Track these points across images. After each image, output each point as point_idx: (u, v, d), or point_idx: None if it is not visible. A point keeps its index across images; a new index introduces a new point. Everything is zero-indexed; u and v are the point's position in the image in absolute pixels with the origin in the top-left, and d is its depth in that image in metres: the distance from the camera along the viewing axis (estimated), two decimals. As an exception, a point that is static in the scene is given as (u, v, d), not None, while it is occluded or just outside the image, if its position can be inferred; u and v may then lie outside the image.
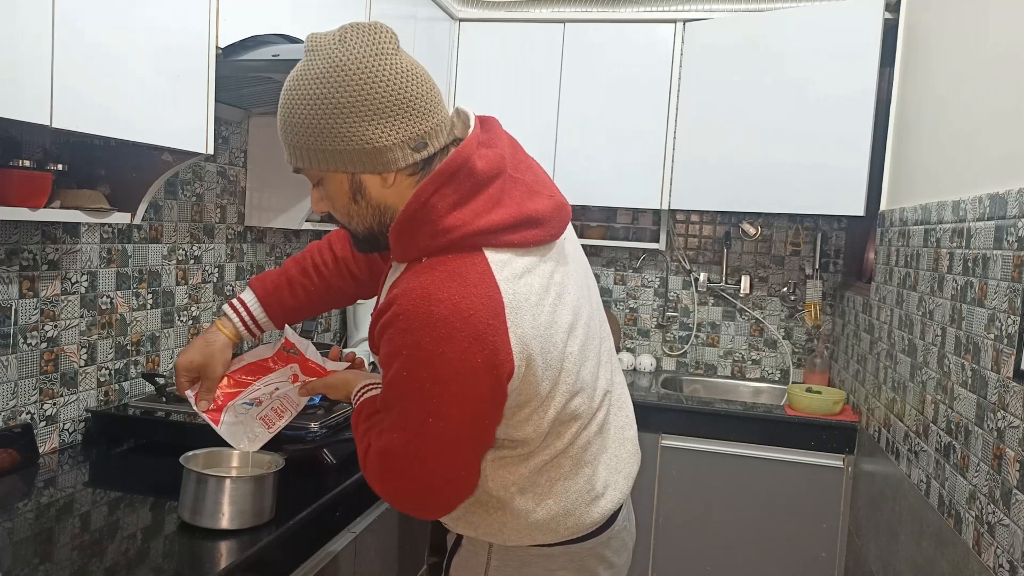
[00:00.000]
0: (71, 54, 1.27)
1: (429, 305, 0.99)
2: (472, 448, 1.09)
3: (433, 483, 1.09)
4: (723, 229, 3.39)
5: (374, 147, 1.02)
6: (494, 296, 1.02)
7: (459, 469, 1.10)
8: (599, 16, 3.08)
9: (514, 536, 1.17)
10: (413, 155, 1.05)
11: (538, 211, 1.10)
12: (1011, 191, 1.53)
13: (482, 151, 1.08)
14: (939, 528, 1.78)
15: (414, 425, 1.04)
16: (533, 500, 1.15)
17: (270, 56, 1.69)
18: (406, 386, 1.03)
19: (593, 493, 1.18)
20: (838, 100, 2.73)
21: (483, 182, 1.06)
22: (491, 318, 1.01)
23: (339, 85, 1.00)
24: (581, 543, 1.20)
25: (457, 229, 1.04)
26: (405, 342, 1.00)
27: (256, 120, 2.40)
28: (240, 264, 2.42)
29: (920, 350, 2.03)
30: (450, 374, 1.00)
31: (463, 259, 1.04)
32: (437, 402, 1.02)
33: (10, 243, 1.62)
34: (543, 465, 1.15)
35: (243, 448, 1.35)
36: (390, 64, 1.01)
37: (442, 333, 0.99)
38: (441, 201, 1.04)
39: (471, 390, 1.02)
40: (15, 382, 1.66)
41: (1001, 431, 1.49)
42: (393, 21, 2.43)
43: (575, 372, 1.13)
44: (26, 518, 1.41)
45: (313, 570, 1.53)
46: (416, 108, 1.03)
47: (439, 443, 1.05)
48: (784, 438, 2.74)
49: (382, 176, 1.06)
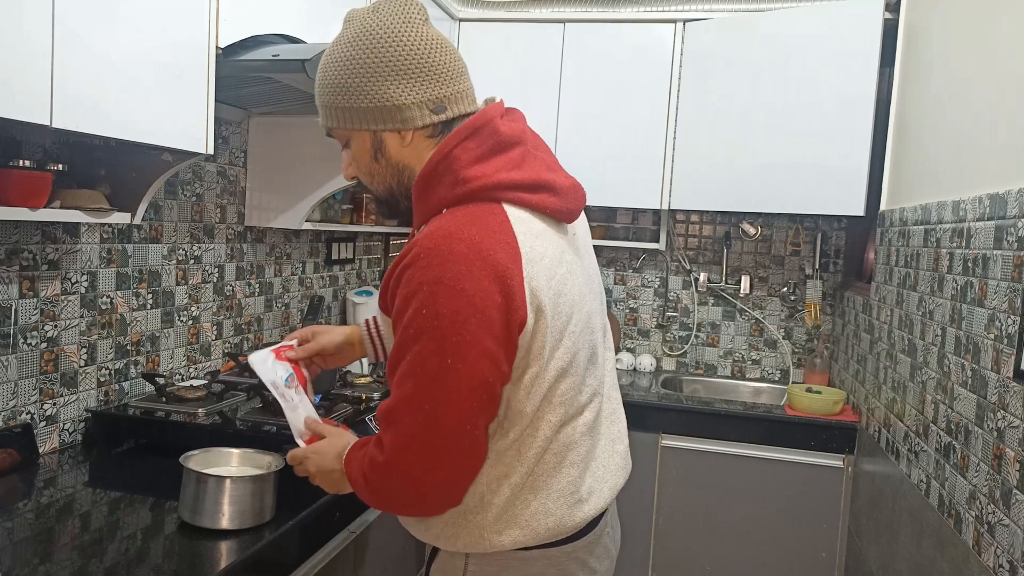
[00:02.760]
0: (71, 54, 1.28)
1: (450, 243, 1.02)
2: (481, 405, 1.05)
3: (440, 449, 1.05)
4: (723, 229, 3.39)
5: (394, 104, 1.11)
6: (511, 243, 1.05)
7: (467, 432, 1.05)
8: (599, 16, 3.08)
9: (494, 537, 1.13)
10: (431, 116, 1.12)
11: (556, 181, 1.15)
12: (1011, 191, 1.53)
13: (505, 119, 1.14)
14: (939, 528, 1.78)
15: (429, 369, 1.02)
16: (516, 495, 1.12)
17: (270, 56, 1.69)
18: (424, 324, 1.01)
19: (576, 496, 1.16)
20: (838, 100, 2.73)
21: (505, 144, 1.11)
22: (509, 262, 1.03)
23: (367, 48, 1.10)
24: (560, 547, 1.17)
25: (477, 180, 1.08)
26: (426, 278, 1.01)
27: (256, 120, 2.40)
28: (240, 264, 2.42)
29: (920, 350, 2.03)
30: (469, 311, 1.00)
31: (483, 207, 1.08)
32: (456, 340, 1.00)
33: (10, 243, 1.62)
34: (529, 459, 1.12)
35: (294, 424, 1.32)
36: (416, 32, 1.11)
37: (463, 269, 1.00)
38: (464, 153, 1.09)
39: (488, 331, 1.01)
40: (15, 382, 1.66)
41: (1001, 431, 1.49)
42: (393, 21, 2.43)
43: (572, 351, 1.12)
44: (26, 518, 1.41)
45: (313, 570, 1.53)
46: (437, 73, 1.11)
47: (452, 392, 1.02)
48: (784, 438, 2.74)
49: (400, 134, 1.14)
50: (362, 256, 3.26)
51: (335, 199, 2.59)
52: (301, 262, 2.79)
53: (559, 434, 1.15)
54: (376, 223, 2.83)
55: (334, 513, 1.62)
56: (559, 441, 1.15)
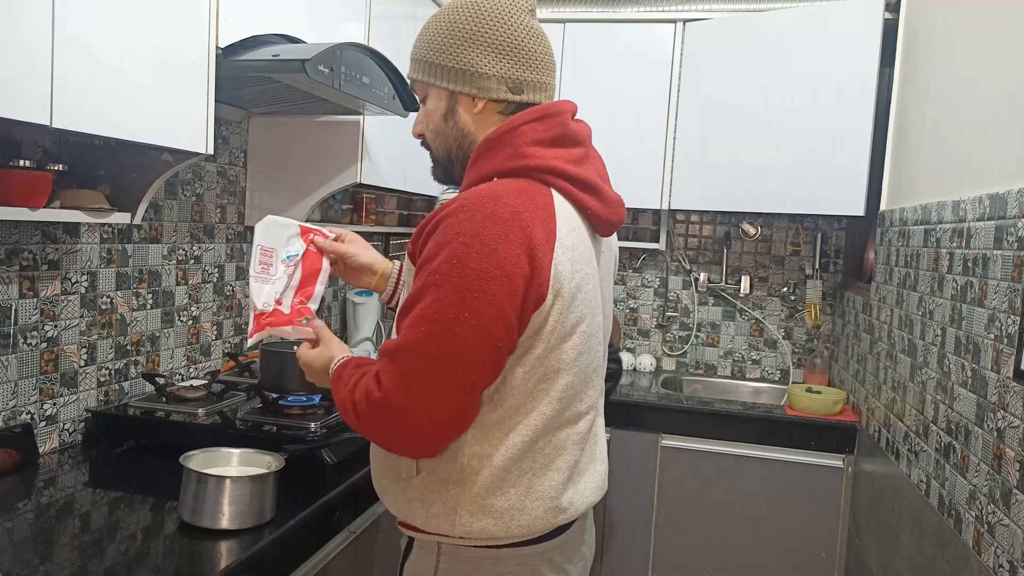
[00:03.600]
0: (71, 54, 1.27)
1: (495, 205, 1.05)
2: (484, 366, 1.06)
3: (436, 397, 1.05)
4: (723, 229, 3.39)
5: (476, 71, 1.17)
6: (551, 223, 1.09)
7: (465, 387, 1.06)
8: (599, 16, 3.08)
9: (466, 519, 1.12)
10: (507, 93, 1.18)
11: (604, 189, 1.21)
12: (1011, 191, 1.53)
13: (575, 121, 1.21)
14: (939, 528, 1.78)
15: (445, 317, 1.03)
16: (496, 480, 1.12)
17: (270, 56, 1.69)
18: (451, 273, 1.03)
19: (555, 503, 1.16)
20: (838, 100, 2.73)
21: (571, 139, 1.17)
22: (544, 240, 1.06)
23: (468, 16, 1.17)
24: (532, 546, 1.17)
25: (535, 158, 1.13)
26: (464, 230, 1.04)
27: (256, 120, 2.40)
28: (240, 264, 2.42)
29: (920, 350, 2.03)
30: (497, 272, 1.03)
31: (533, 184, 1.12)
32: (478, 296, 1.02)
33: (10, 243, 1.62)
34: (514, 446, 1.12)
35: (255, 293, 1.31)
36: (517, 17, 1.18)
37: (500, 232, 1.03)
38: (531, 131, 1.14)
39: (510, 296, 1.04)
40: (15, 382, 1.66)
41: (1001, 431, 1.49)
42: (393, 21, 2.44)
43: (579, 349, 1.14)
44: (26, 518, 1.41)
45: (313, 570, 1.53)
46: (523, 57, 1.18)
47: (462, 345, 1.03)
48: (784, 438, 2.74)
49: (474, 101, 1.19)
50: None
51: (335, 199, 2.59)
52: (301, 262, 2.78)
53: (552, 436, 1.15)
54: (376, 223, 2.83)
55: (334, 513, 1.62)
56: (551, 443, 1.15)
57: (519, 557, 1.17)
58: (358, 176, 2.34)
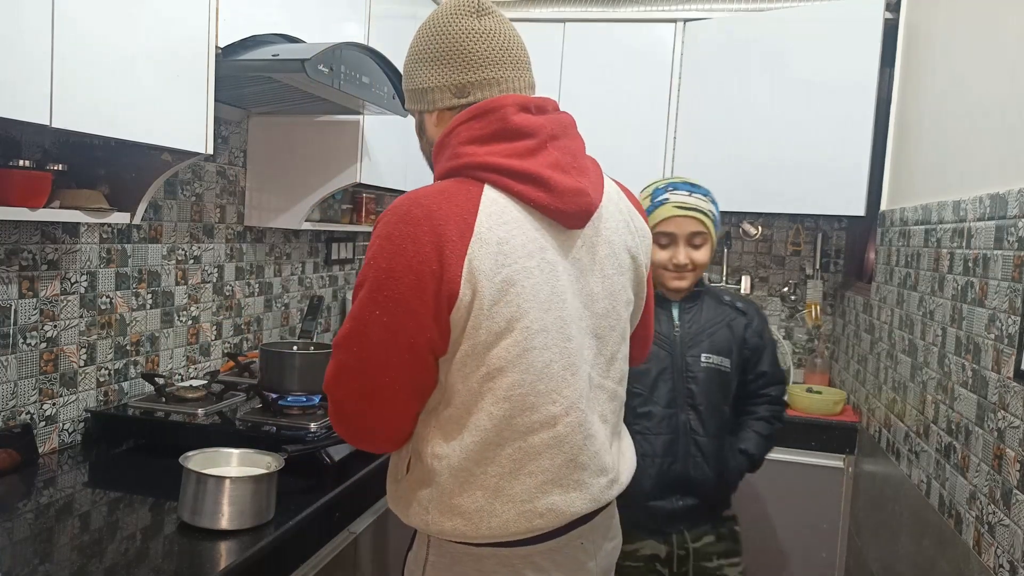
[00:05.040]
0: (71, 54, 1.27)
1: (410, 207, 1.09)
2: (402, 362, 1.10)
3: (361, 390, 1.13)
4: (723, 229, 3.39)
5: (423, 87, 1.22)
6: (468, 220, 1.08)
7: (386, 384, 1.11)
8: (599, 16, 3.08)
9: (438, 517, 1.14)
10: (453, 99, 1.20)
11: (554, 180, 1.13)
12: (1011, 191, 1.53)
13: (524, 114, 1.16)
14: (939, 528, 1.78)
15: (363, 315, 1.10)
16: (460, 482, 1.13)
17: (270, 56, 1.69)
18: (368, 272, 1.10)
19: (529, 506, 1.14)
20: (838, 100, 2.73)
21: (513, 133, 1.14)
22: (457, 236, 1.07)
23: (418, 38, 1.24)
24: (511, 548, 1.16)
25: (467, 156, 1.14)
26: (381, 232, 1.10)
27: (256, 120, 2.40)
28: (240, 264, 2.42)
29: (920, 350, 2.03)
30: (404, 270, 1.06)
31: (461, 183, 1.13)
32: (387, 295, 1.07)
33: (10, 243, 1.62)
34: (470, 447, 1.11)
35: None
36: (457, 23, 1.19)
37: (410, 232, 1.07)
38: (465, 131, 1.15)
39: (418, 293, 1.06)
40: (15, 382, 1.65)
41: (1001, 431, 1.49)
42: (393, 21, 2.44)
43: (524, 347, 1.10)
44: (26, 518, 1.41)
45: (313, 570, 1.53)
46: (464, 60, 1.18)
47: (376, 342, 1.09)
48: (784, 438, 2.73)
49: (432, 115, 1.23)
50: (362, 256, 3.26)
51: (335, 199, 2.59)
52: (301, 262, 2.79)
53: (522, 440, 1.12)
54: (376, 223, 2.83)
55: (334, 513, 1.62)
56: (520, 448, 1.12)
57: (499, 557, 1.17)
58: (358, 176, 2.33)
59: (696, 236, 1.80)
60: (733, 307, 1.89)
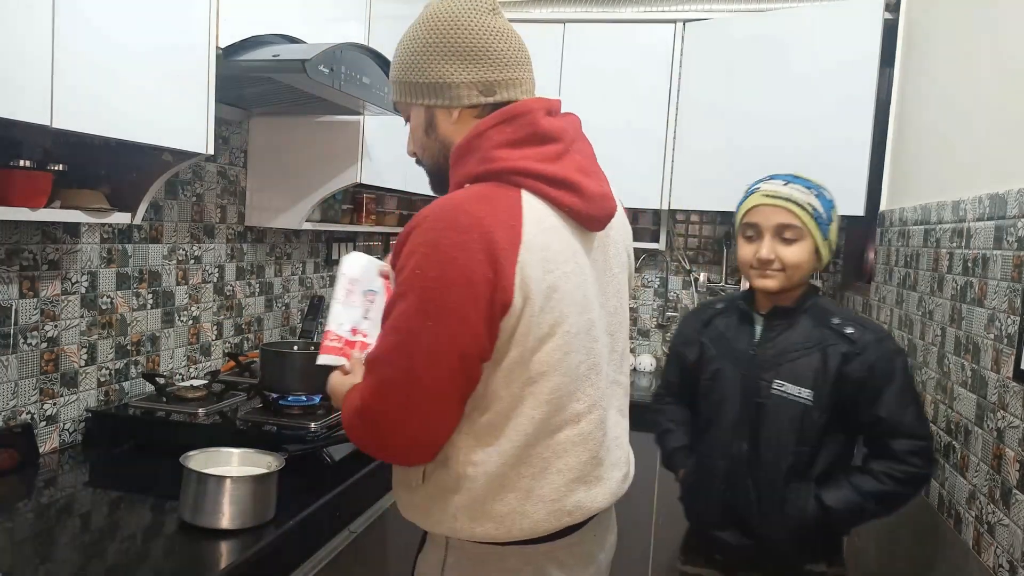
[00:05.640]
0: (71, 54, 1.27)
1: (456, 213, 1.06)
2: (453, 372, 1.07)
3: (411, 404, 1.08)
4: (723, 229, 3.39)
5: (445, 82, 1.18)
6: (515, 227, 1.07)
7: (438, 394, 1.08)
8: (599, 16, 3.08)
9: (467, 524, 1.14)
10: (479, 97, 1.18)
11: (584, 184, 1.16)
12: (1011, 191, 1.53)
13: (550, 118, 1.17)
14: (939, 528, 1.78)
15: (409, 326, 1.06)
16: (493, 487, 1.13)
17: (270, 56, 1.69)
18: (414, 283, 1.06)
19: (559, 505, 1.15)
20: (838, 100, 2.73)
21: (542, 136, 1.14)
22: (507, 243, 1.05)
23: (430, 29, 1.18)
24: (535, 546, 1.17)
25: (502, 161, 1.12)
26: (425, 240, 1.06)
27: (256, 120, 2.40)
28: (240, 264, 2.42)
29: (920, 350, 2.03)
30: (456, 279, 1.03)
31: (500, 188, 1.11)
32: (438, 304, 1.04)
33: (10, 243, 1.62)
34: (508, 452, 1.12)
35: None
36: (478, 19, 1.18)
37: (460, 239, 1.04)
38: (497, 135, 1.14)
39: (472, 302, 1.04)
40: (15, 382, 1.66)
41: (1001, 431, 1.50)
42: (393, 21, 2.44)
43: (564, 350, 1.12)
44: (26, 518, 1.41)
45: (313, 570, 1.53)
46: (491, 59, 1.17)
47: (428, 353, 1.05)
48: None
49: (449, 111, 1.19)
50: (362, 256, 3.25)
51: (335, 199, 2.59)
52: (301, 262, 2.79)
53: (550, 438, 1.14)
54: (376, 223, 2.83)
55: (334, 513, 1.62)
56: (549, 446, 1.14)
57: (523, 555, 1.17)
58: (358, 176, 2.34)
59: (787, 229, 1.57)
60: (838, 332, 1.57)
